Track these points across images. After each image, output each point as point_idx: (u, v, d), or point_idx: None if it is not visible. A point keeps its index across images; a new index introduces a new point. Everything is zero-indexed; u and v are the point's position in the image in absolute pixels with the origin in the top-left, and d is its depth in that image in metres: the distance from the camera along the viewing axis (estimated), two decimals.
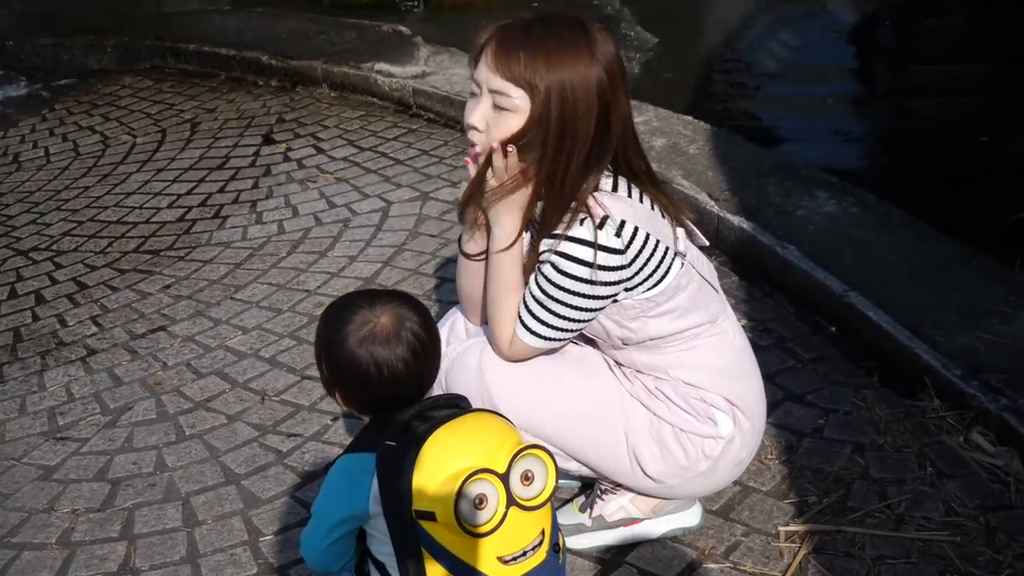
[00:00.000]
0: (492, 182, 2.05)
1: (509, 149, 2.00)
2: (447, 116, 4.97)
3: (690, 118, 4.43)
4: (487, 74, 1.99)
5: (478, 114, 2.02)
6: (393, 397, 1.75)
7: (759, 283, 3.41)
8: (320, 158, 4.78)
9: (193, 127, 5.35)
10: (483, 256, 2.22)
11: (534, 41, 1.97)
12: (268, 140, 5.06)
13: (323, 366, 1.82)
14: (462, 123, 2.13)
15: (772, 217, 3.56)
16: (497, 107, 2.00)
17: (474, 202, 2.12)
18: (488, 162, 2.04)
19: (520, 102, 1.97)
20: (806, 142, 5.02)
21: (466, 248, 2.26)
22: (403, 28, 5.97)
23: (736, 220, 3.56)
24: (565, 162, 2.00)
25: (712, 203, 3.68)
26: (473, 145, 2.06)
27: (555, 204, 2.04)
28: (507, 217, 2.10)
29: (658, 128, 4.34)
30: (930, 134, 4.92)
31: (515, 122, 1.99)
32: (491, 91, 1.99)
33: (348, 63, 5.54)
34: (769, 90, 5.89)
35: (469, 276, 2.29)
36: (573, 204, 2.04)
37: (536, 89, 1.95)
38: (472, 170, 2.08)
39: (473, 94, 2.05)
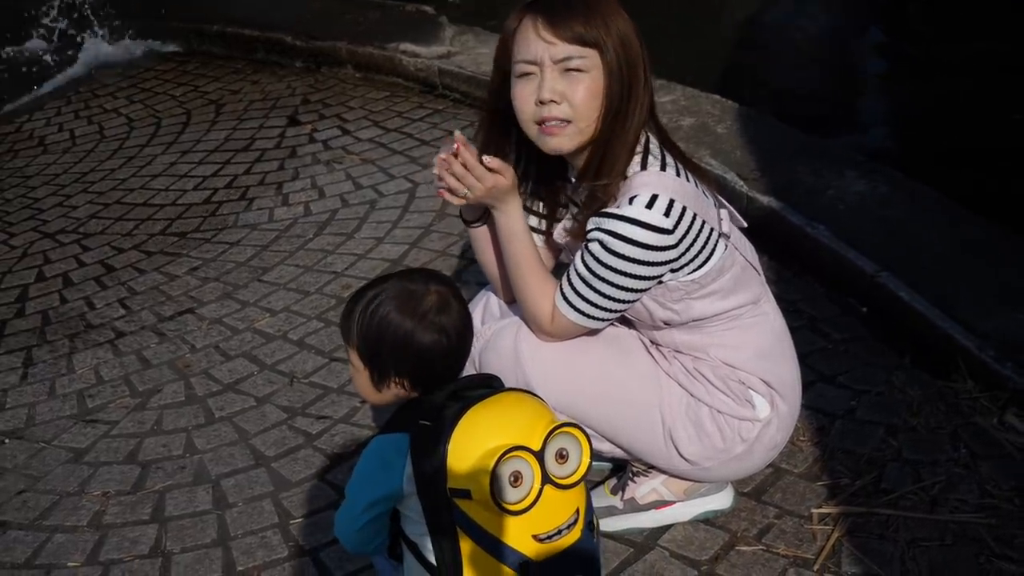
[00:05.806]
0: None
1: (488, 161, 2.05)
2: (473, 96, 4.94)
3: (718, 97, 4.40)
4: (546, 47, 2.00)
5: (548, 87, 2.02)
6: (446, 368, 1.78)
7: (789, 263, 3.38)
8: (346, 139, 4.77)
9: (218, 109, 5.35)
10: (481, 221, 2.27)
11: (580, 5, 2.01)
12: (293, 121, 5.06)
13: (382, 351, 1.78)
14: (521, 113, 2.08)
15: (801, 197, 3.52)
16: (568, 71, 2.01)
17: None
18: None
19: (590, 60, 2.00)
20: (835, 121, 4.97)
21: (466, 215, 2.30)
22: (427, 8, 5.94)
23: (765, 200, 3.53)
24: (633, 110, 2.05)
25: (741, 183, 3.65)
26: (545, 123, 2.05)
27: (616, 157, 2.05)
28: (509, 198, 2.12)
29: (686, 107, 4.30)
30: (961, 112, 4.85)
31: (588, 82, 2.01)
32: (556, 61, 2.00)
33: (373, 43, 5.51)
34: (797, 68, 5.83)
35: (480, 245, 2.33)
36: (623, 174, 2.06)
37: (603, 44, 2.00)
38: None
39: (526, 74, 2.04)
